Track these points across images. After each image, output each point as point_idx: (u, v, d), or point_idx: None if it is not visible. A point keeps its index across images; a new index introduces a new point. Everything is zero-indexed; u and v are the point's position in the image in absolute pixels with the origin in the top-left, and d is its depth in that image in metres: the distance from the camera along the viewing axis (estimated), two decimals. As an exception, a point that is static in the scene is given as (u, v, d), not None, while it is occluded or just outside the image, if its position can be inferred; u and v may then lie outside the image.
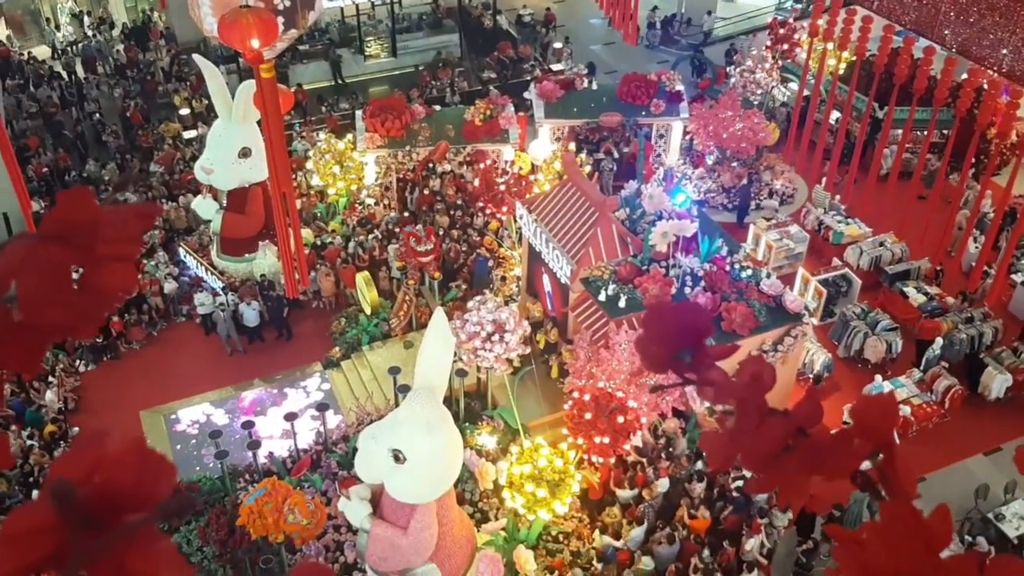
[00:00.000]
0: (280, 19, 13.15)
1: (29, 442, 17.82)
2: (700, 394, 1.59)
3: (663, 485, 15.74)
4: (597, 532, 15.38)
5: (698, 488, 15.84)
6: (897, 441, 1.72)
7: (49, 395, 18.85)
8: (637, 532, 15.12)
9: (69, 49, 32.94)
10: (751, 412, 1.62)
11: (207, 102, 26.23)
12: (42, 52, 32.85)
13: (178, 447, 18.47)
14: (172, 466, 1.40)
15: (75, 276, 1.28)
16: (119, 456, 1.29)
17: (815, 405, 1.71)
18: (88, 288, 1.29)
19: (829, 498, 1.68)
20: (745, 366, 1.62)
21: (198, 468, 17.74)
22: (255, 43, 12.50)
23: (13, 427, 17.99)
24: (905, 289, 20.66)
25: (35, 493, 16.70)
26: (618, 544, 15.11)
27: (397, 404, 16.28)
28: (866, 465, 1.71)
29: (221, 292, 20.63)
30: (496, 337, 16.06)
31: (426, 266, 20.12)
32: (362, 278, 20.25)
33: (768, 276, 17.62)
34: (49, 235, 1.28)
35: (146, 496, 1.29)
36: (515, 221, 20.24)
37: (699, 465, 16.23)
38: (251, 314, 20.23)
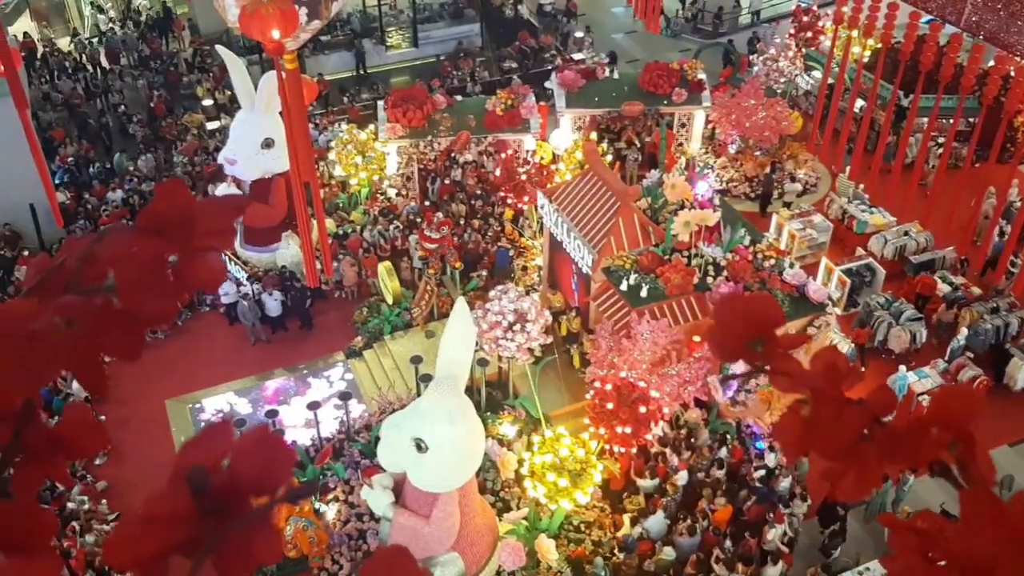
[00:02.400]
0: (303, 10, 13.17)
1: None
2: (774, 384, 1.60)
3: (683, 478, 15.73)
4: (627, 519, 15.39)
5: (717, 473, 15.83)
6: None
7: (76, 384, 19.06)
8: (654, 521, 15.12)
9: (92, 41, 33.15)
10: (827, 401, 1.63)
11: (230, 93, 26.37)
12: (66, 44, 33.11)
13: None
14: (293, 452, 1.45)
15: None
16: (246, 443, 1.34)
17: (889, 394, 1.72)
18: (182, 278, 1.34)
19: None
20: (819, 355, 1.63)
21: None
22: (276, 34, 12.54)
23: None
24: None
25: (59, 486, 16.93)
26: (635, 533, 15.14)
27: (419, 393, 16.35)
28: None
29: (245, 282, 20.76)
30: (517, 327, 16.09)
31: (447, 255, 20.15)
32: (384, 268, 20.32)
33: (791, 266, 17.53)
34: (146, 227, 1.33)
35: (271, 481, 1.34)
36: (536, 211, 20.23)
37: (722, 453, 16.20)
38: (273, 304, 20.35)
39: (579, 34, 32.83)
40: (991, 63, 20.89)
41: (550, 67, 29.58)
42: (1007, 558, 1.54)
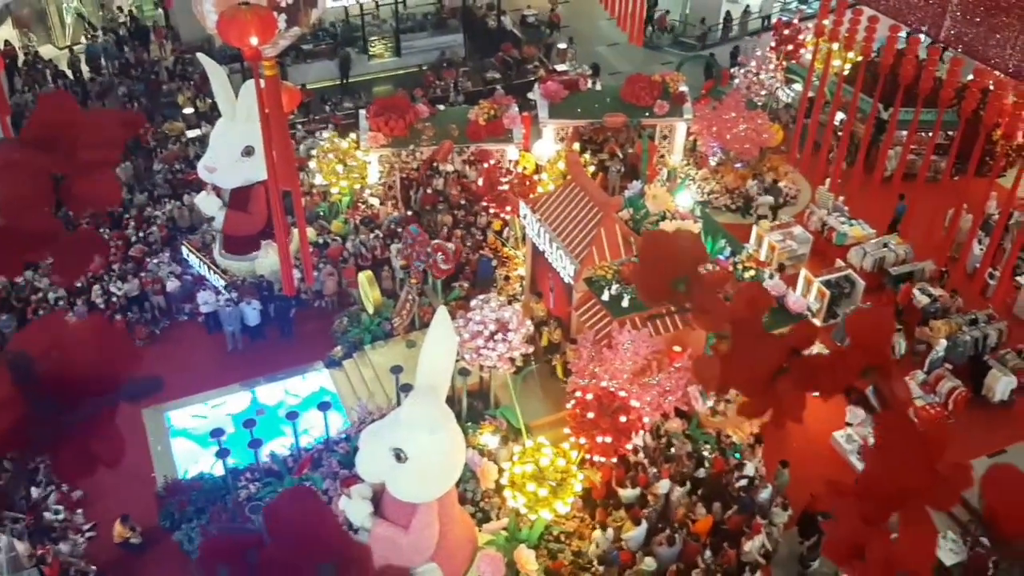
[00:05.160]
0: (282, 17, 13.14)
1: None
2: (696, 322, 1.59)
3: (664, 486, 15.70)
4: (597, 531, 15.34)
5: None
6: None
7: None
8: (636, 532, 15.08)
9: (74, 48, 32.94)
10: (746, 335, 1.62)
11: (211, 101, 26.23)
12: (48, 51, 32.89)
13: (180, 445, 18.46)
14: (135, 348, 1.38)
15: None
16: (79, 333, 1.26)
17: (809, 328, 1.72)
18: (72, 196, 1.27)
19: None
20: (740, 291, 1.62)
21: (200, 466, 17.74)
22: (254, 40, 12.48)
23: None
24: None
25: (34, 491, 16.72)
26: (608, 535, 15.08)
27: (399, 403, 16.27)
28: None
29: (223, 291, 20.62)
30: (499, 336, 16.05)
31: (431, 265, 20.10)
32: (365, 277, 20.24)
33: (771, 277, 17.58)
34: (29, 139, 1.25)
35: (108, 376, 1.26)
36: (519, 221, 20.22)
37: (700, 473, 16.20)
38: (252, 313, 20.23)
39: (562, 45, 32.94)
40: (970, 77, 21.07)
41: (533, 78, 29.65)
42: (918, 478, 1.54)
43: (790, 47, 27.28)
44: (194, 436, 18.64)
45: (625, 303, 16.41)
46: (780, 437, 16.64)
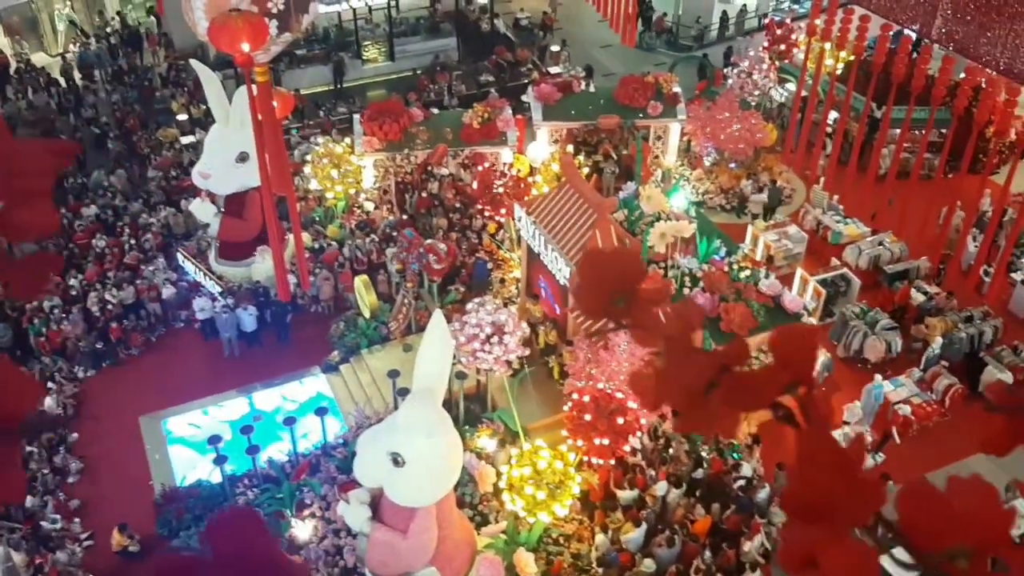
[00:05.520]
0: (273, 23, 13.13)
1: (28, 448, 17.80)
2: (634, 337, 1.62)
3: (661, 488, 15.71)
4: (599, 533, 15.33)
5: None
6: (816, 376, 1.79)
7: (48, 401, 18.82)
8: (636, 534, 15.08)
9: (66, 56, 32.93)
10: (678, 351, 1.66)
11: (205, 107, 26.22)
12: (40, 59, 32.85)
13: (177, 452, 18.44)
14: (36, 384, 1.39)
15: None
16: None
17: (741, 345, 1.75)
18: (9, 226, 1.28)
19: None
20: (674, 308, 1.65)
21: (197, 473, 17.72)
22: (245, 46, 12.47)
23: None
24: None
25: (30, 500, 16.69)
26: (606, 538, 15.08)
27: (396, 407, 16.25)
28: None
29: (219, 297, 20.60)
30: (495, 339, 16.03)
31: (424, 267, 20.09)
32: (361, 281, 20.23)
33: (767, 276, 17.60)
34: None
35: (6, 416, 1.28)
36: (514, 223, 20.23)
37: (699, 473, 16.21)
38: (248, 319, 20.22)
39: (555, 48, 32.98)
40: (962, 75, 21.14)
41: (527, 81, 29.67)
42: (838, 493, 1.57)
43: (783, 47, 27.30)
44: (192, 443, 18.62)
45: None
46: (778, 437, 16.62)
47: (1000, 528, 1.73)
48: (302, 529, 15.42)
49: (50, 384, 19.24)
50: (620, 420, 15.22)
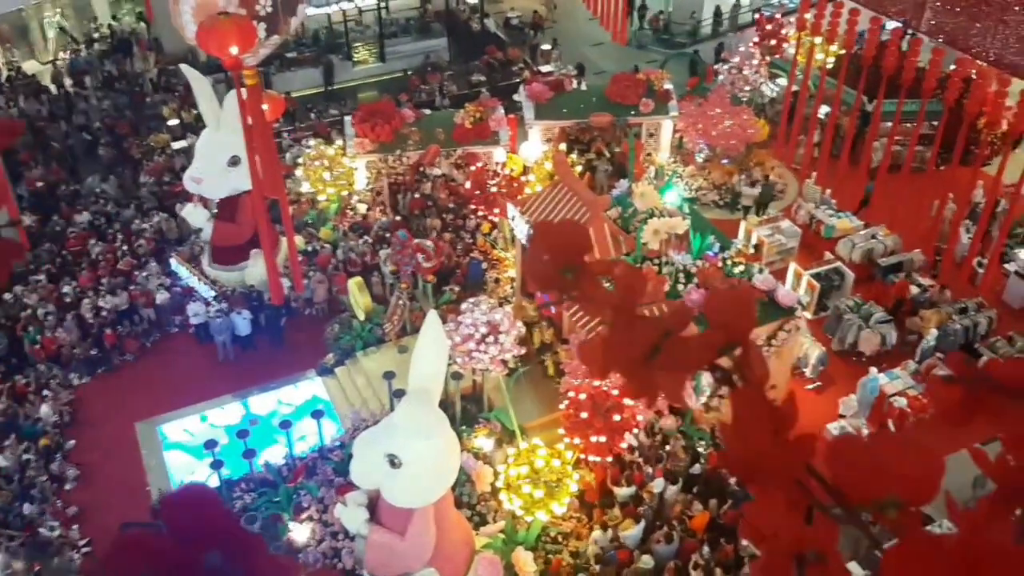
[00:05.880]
0: (262, 25, 13.11)
1: (25, 456, 17.76)
2: (582, 308, 1.66)
3: (659, 485, 15.72)
4: (597, 530, 15.33)
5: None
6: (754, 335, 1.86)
7: (44, 408, 18.78)
8: (634, 531, 15.09)
9: (57, 63, 32.84)
10: (623, 319, 1.69)
11: (196, 112, 26.16)
12: (31, 67, 32.77)
13: (174, 458, 18.40)
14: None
15: None
16: None
17: (684, 310, 1.80)
18: None
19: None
20: (619, 277, 1.69)
21: (194, 478, 17.68)
22: (234, 49, 12.45)
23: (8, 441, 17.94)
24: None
25: (27, 507, 16.65)
26: (607, 535, 15.08)
27: (392, 409, 16.24)
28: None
29: (213, 302, 20.57)
30: (491, 339, 16.02)
31: (415, 267, 20.08)
32: (355, 284, 20.20)
33: (760, 271, 17.61)
34: None
35: None
36: (507, 223, 20.22)
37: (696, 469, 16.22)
38: (242, 323, 20.19)
39: (546, 47, 32.98)
40: (952, 67, 21.17)
41: (518, 80, 29.66)
42: (771, 451, 1.63)
43: (773, 42, 27.34)
44: (188, 448, 18.58)
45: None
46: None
47: (928, 477, 1.81)
48: (300, 532, 15.40)
49: (46, 391, 19.20)
50: (616, 417, 15.21)
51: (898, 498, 1.75)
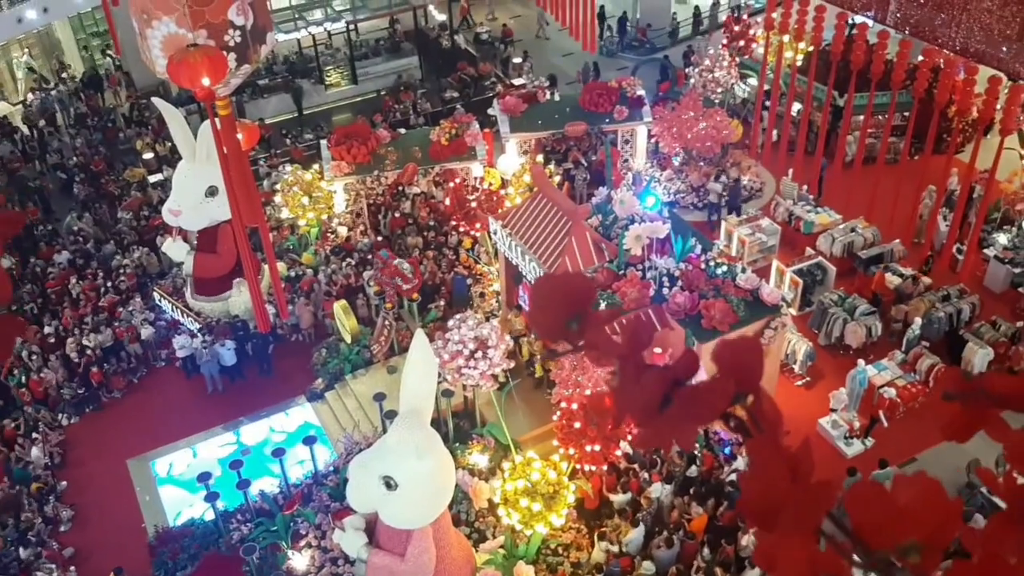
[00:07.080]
0: (232, 55, 13.09)
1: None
2: (588, 357, 1.65)
3: (656, 490, 15.72)
4: (597, 540, 15.31)
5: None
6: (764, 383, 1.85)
7: (35, 451, 18.62)
8: (635, 535, 15.07)
9: (27, 103, 32.68)
10: (631, 369, 1.69)
11: (170, 144, 26.10)
12: (1, 108, 32.59)
13: (168, 493, 18.27)
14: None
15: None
16: None
17: (691, 358, 1.79)
18: None
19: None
20: (625, 326, 1.69)
21: (190, 512, 17.56)
22: (205, 81, 12.42)
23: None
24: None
25: (23, 551, 16.48)
26: (615, 549, 15.06)
27: (385, 431, 16.18)
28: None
29: (198, 334, 20.47)
30: (479, 354, 16.02)
31: (400, 292, 20.06)
32: (339, 307, 20.15)
33: (743, 271, 17.69)
34: None
35: None
36: (489, 237, 20.25)
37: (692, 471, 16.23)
38: (227, 354, 20.08)
39: (517, 60, 33.11)
40: (920, 58, 21.37)
41: (491, 94, 29.75)
42: (788, 496, 1.63)
43: (742, 43, 27.56)
44: (181, 482, 18.46)
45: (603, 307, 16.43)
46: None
47: (947, 520, 1.83)
48: (299, 560, 15.31)
49: (35, 434, 19.04)
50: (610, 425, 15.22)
51: (919, 542, 1.77)
